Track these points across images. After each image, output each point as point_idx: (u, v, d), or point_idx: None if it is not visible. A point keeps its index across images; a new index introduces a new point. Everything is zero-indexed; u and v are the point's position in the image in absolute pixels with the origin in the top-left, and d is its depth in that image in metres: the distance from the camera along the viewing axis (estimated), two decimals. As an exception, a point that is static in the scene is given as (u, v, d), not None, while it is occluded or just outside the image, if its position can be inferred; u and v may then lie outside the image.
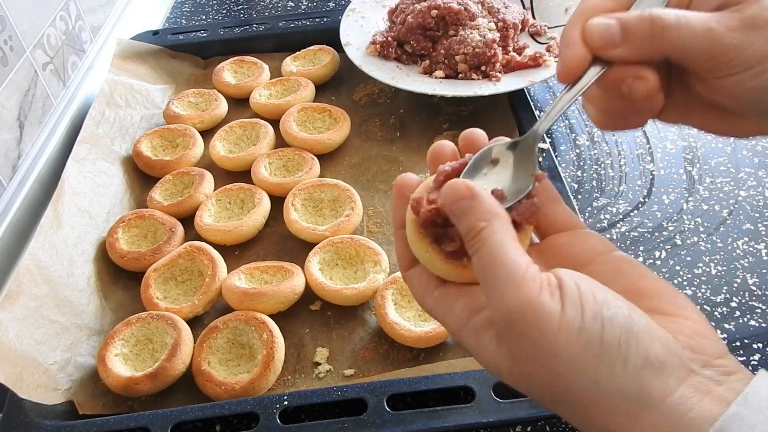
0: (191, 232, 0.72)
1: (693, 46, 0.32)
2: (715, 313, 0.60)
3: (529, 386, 0.31)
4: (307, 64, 0.92)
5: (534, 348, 0.29)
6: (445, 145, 0.38)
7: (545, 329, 0.29)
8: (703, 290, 0.62)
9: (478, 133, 0.38)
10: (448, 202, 0.32)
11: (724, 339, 0.57)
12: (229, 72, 0.92)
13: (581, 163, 0.77)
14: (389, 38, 0.85)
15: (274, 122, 0.83)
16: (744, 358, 0.56)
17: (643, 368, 0.28)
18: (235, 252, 0.71)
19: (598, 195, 0.72)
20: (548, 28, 0.87)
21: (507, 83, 0.77)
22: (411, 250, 0.36)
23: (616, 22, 0.33)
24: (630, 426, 0.29)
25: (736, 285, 0.62)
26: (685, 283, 0.62)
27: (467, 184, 0.32)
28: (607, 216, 0.70)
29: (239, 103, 0.90)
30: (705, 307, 0.60)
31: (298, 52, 0.94)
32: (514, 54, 0.81)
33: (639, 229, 0.68)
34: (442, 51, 0.81)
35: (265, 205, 0.72)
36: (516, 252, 0.30)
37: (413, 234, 0.35)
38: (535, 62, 0.79)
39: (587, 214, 0.70)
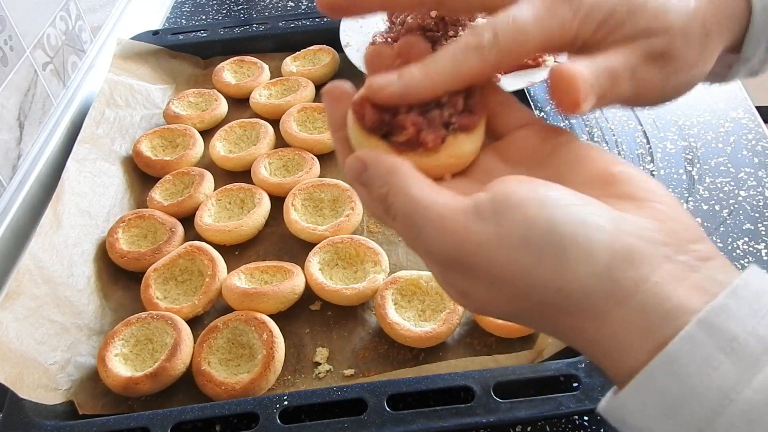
0: (191, 232, 0.72)
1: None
2: (715, 313, 0.60)
3: (487, 311, 0.30)
4: (307, 64, 0.92)
5: (485, 279, 0.27)
6: (383, 49, 0.34)
7: (486, 255, 0.26)
8: (703, 290, 0.62)
9: (421, 43, 0.33)
10: (351, 182, 0.31)
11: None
12: (229, 72, 0.92)
13: (581, 163, 0.77)
14: (389, 39, 0.85)
15: (274, 122, 0.83)
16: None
17: (611, 263, 0.25)
18: (235, 252, 0.71)
19: (598, 195, 0.72)
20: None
21: (506, 83, 0.77)
22: (351, 151, 0.33)
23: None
24: (601, 325, 0.26)
25: (736, 285, 0.62)
26: (685, 283, 0.62)
27: (357, 156, 0.30)
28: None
29: (239, 103, 0.90)
30: (705, 307, 0.60)
31: (298, 52, 0.94)
32: (514, 54, 0.81)
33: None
34: (442, 51, 0.81)
35: (265, 205, 0.72)
36: (428, 195, 0.28)
37: (358, 134, 0.32)
38: (535, 62, 0.79)
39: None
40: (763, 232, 0.66)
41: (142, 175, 0.80)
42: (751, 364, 0.24)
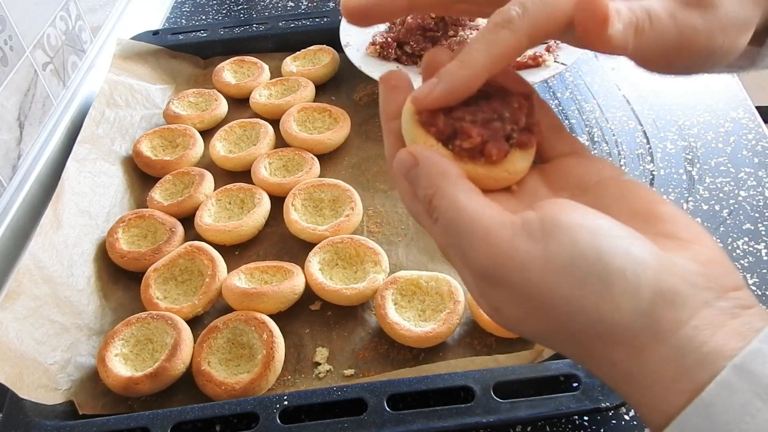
0: (191, 232, 0.72)
1: None
2: (715, 313, 0.60)
3: (518, 329, 0.29)
4: (307, 64, 0.92)
5: (522, 297, 0.27)
6: (441, 52, 0.34)
7: (528, 275, 0.26)
8: (703, 290, 0.62)
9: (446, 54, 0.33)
10: (400, 175, 0.30)
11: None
12: (229, 72, 0.92)
13: (581, 163, 0.77)
14: (389, 39, 0.85)
15: (274, 122, 0.83)
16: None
17: (653, 301, 0.25)
18: (235, 252, 0.71)
19: (598, 195, 0.72)
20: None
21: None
22: (402, 144, 0.33)
23: None
24: (636, 359, 0.26)
25: (736, 285, 0.62)
26: (685, 283, 0.62)
27: (410, 151, 0.30)
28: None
29: (239, 103, 0.90)
30: (705, 307, 0.60)
31: (298, 52, 0.94)
32: (514, 54, 0.81)
33: (639, 229, 0.68)
34: (442, 51, 0.81)
35: (265, 205, 0.72)
36: (476, 205, 0.28)
37: (414, 130, 0.32)
38: (535, 62, 0.79)
39: (587, 214, 0.70)
40: (763, 232, 0.66)
41: (142, 175, 0.80)
42: None
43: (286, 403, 0.51)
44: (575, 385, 0.51)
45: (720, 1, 0.31)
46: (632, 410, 0.53)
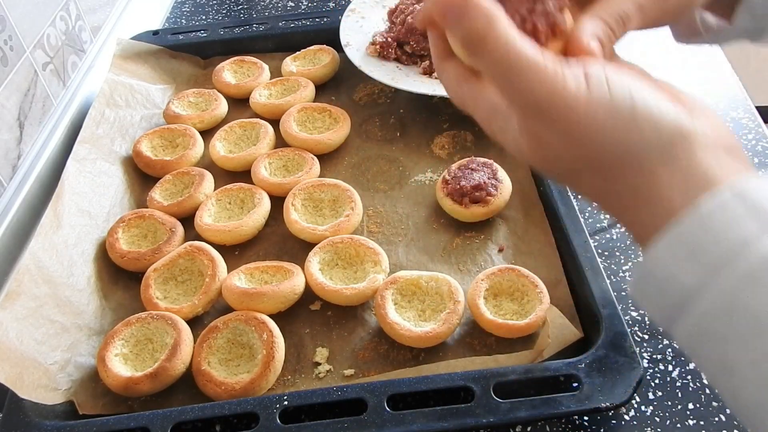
0: (191, 232, 0.72)
1: None
2: (715, 313, 0.60)
3: (550, 165, 0.33)
4: (307, 64, 0.92)
5: (558, 133, 0.31)
6: None
7: (570, 109, 0.30)
8: (703, 290, 0.62)
9: None
10: (441, 15, 0.32)
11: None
12: (229, 72, 0.92)
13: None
14: (389, 39, 0.85)
15: (274, 122, 0.83)
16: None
17: (674, 135, 0.30)
18: (235, 252, 0.71)
19: (598, 195, 0.72)
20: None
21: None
22: (446, 44, 0.35)
23: None
24: (652, 177, 0.30)
25: (736, 285, 0.62)
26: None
27: None
28: (608, 216, 0.70)
29: (239, 103, 0.90)
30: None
31: (298, 52, 0.94)
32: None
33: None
34: (442, 51, 0.81)
35: (265, 205, 0.72)
36: (526, 45, 0.30)
37: None
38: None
39: (587, 214, 0.70)
40: (763, 232, 0.66)
41: (142, 175, 0.80)
42: None
43: (286, 403, 0.51)
44: (575, 385, 0.51)
45: None
46: (632, 410, 0.53)
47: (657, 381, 0.55)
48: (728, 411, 0.52)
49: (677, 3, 0.37)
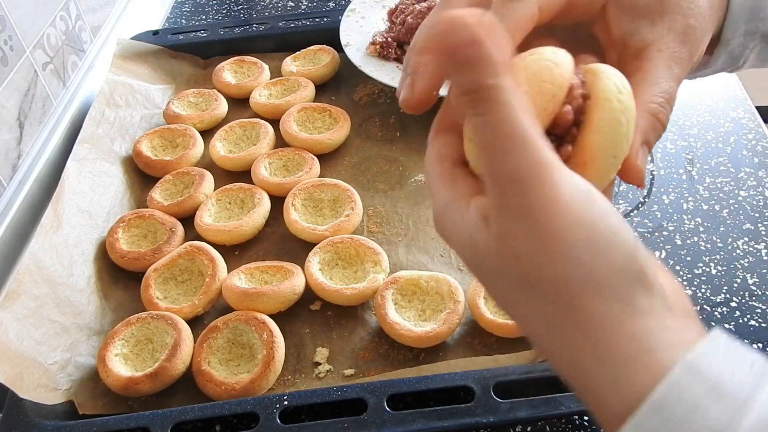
0: (191, 232, 0.72)
1: None
2: (715, 313, 0.60)
3: (504, 274, 0.28)
4: (307, 64, 0.92)
5: (530, 234, 0.26)
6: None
7: (552, 213, 0.26)
8: (703, 290, 0.62)
9: None
10: (448, 42, 0.26)
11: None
12: (229, 72, 0.92)
13: (581, 163, 0.77)
14: (389, 39, 0.85)
15: (274, 122, 0.83)
16: (744, 358, 0.56)
17: (638, 280, 0.27)
18: (235, 252, 0.71)
19: (598, 195, 0.72)
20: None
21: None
22: (452, 117, 0.32)
23: None
24: (607, 327, 0.26)
25: (736, 285, 0.62)
26: (685, 283, 0.62)
27: (477, 20, 0.26)
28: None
29: (239, 103, 0.90)
30: (705, 307, 0.60)
31: (298, 52, 0.94)
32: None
33: (639, 229, 0.68)
34: (442, 51, 0.81)
35: (265, 205, 0.72)
36: (531, 122, 0.26)
37: None
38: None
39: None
40: (763, 232, 0.66)
41: (142, 175, 0.80)
42: (738, 408, 0.24)
43: (286, 403, 0.51)
44: (575, 385, 0.51)
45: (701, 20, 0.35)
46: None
47: None
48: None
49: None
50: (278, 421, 0.50)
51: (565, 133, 0.30)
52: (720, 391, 0.24)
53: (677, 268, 0.64)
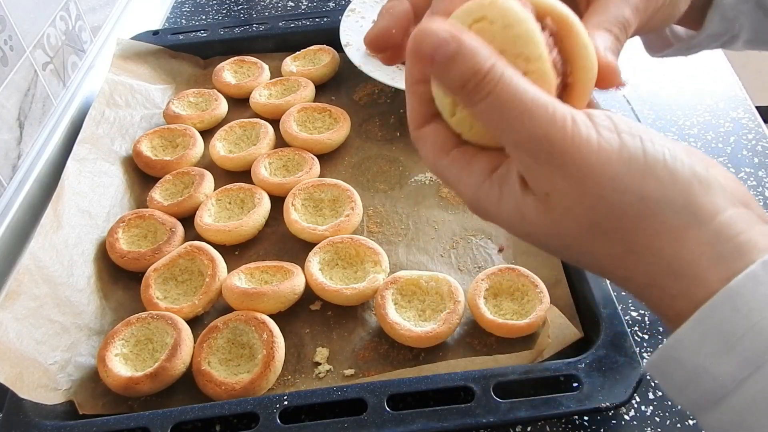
0: (191, 232, 0.72)
1: None
2: (715, 313, 0.60)
3: (561, 228, 0.29)
4: (307, 64, 0.92)
5: (570, 179, 0.27)
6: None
7: (582, 154, 0.27)
8: (703, 290, 0.62)
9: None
10: (423, 52, 0.27)
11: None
12: (229, 72, 0.92)
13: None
14: (389, 38, 0.85)
15: (274, 122, 0.83)
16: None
17: (692, 181, 0.27)
18: (235, 252, 0.71)
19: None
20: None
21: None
22: (426, 108, 0.32)
23: None
24: (677, 243, 0.27)
25: (736, 285, 0.62)
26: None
27: (449, 31, 0.27)
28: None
29: (239, 103, 0.90)
30: (705, 307, 0.60)
31: (298, 52, 0.94)
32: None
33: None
34: (442, 51, 0.81)
35: (265, 205, 0.72)
36: (531, 85, 0.27)
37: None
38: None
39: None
40: (763, 232, 0.66)
41: (142, 175, 0.80)
42: None
43: (286, 403, 0.51)
44: (575, 385, 0.51)
45: None
46: (632, 410, 0.53)
47: (657, 381, 0.55)
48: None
49: (663, 15, 0.36)
50: (278, 421, 0.50)
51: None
52: None
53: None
